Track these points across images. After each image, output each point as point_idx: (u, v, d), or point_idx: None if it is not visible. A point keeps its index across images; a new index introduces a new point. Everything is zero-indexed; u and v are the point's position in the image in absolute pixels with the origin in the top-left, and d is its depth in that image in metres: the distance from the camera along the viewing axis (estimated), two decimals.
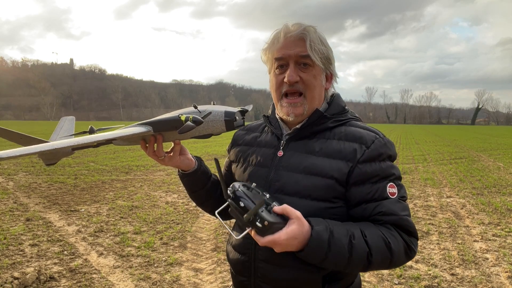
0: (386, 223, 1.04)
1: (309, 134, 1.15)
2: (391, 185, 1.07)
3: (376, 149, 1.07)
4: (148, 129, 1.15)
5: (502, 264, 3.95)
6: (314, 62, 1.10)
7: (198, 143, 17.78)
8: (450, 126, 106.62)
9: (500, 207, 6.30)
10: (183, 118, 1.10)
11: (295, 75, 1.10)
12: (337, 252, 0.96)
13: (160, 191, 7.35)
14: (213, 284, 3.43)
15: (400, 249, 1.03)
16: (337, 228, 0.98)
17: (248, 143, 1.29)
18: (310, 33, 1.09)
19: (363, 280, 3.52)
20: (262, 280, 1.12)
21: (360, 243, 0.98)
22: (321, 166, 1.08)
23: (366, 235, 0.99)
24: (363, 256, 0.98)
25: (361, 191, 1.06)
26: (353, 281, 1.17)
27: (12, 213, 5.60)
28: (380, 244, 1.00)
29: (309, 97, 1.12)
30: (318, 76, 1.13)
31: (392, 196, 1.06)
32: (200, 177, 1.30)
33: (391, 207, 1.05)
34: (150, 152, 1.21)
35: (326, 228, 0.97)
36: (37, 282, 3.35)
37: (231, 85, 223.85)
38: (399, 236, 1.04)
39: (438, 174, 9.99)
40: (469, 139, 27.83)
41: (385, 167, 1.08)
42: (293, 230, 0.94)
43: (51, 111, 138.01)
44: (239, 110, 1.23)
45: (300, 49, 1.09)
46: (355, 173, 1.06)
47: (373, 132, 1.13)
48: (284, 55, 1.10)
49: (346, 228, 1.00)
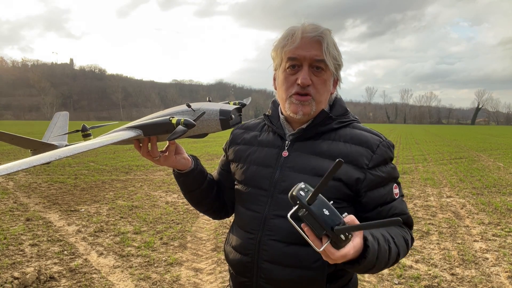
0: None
1: (314, 134, 1.15)
2: (395, 186, 1.14)
3: (382, 154, 1.12)
4: (138, 133, 1.11)
5: (502, 264, 3.95)
6: (327, 66, 1.09)
7: (198, 143, 17.77)
8: (450, 126, 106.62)
9: (500, 207, 6.30)
10: (174, 121, 1.06)
11: (309, 78, 1.09)
12: (382, 258, 0.96)
13: (160, 191, 7.35)
14: (213, 284, 3.43)
15: (410, 244, 1.11)
16: (377, 235, 0.97)
17: (248, 142, 1.27)
18: (327, 37, 1.08)
19: (363, 280, 3.52)
20: (265, 281, 1.11)
21: (393, 246, 1.01)
22: (327, 168, 1.07)
23: (394, 237, 1.03)
24: (395, 257, 1.02)
25: (375, 195, 1.10)
26: (351, 278, 1.18)
27: (12, 213, 5.60)
28: (403, 243, 1.06)
29: (317, 100, 1.12)
30: (328, 81, 1.13)
31: (396, 196, 1.12)
32: (197, 177, 1.27)
33: (400, 206, 1.12)
34: (145, 153, 1.19)
35: (373, 237, 0.95)
36: (37, 282, 3.35)
37: (231, 85, 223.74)
38: (408, 232, 1.12)
39: (438, 174, 9.99)
40: (469, 139, 27.82)
41: (390, 170, 1.13)
42: (358, 244, 0.88)
43: (51, 111, 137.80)
44: (235, 107, 1.18)
45: (316, 52, 1.08)
46: (368, 180, 1.09)
47: (376, 135, 1.15)
48: (299, 56, 1.08)
49: (380, 233, 1.00)
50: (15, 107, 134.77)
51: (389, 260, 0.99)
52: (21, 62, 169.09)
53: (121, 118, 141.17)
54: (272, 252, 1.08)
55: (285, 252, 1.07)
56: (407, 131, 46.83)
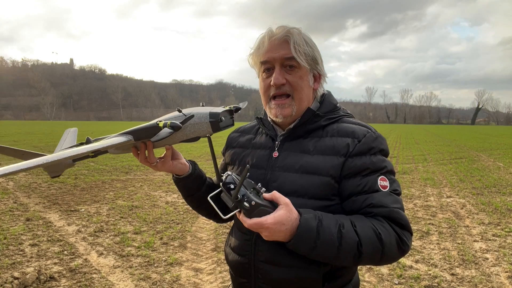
0: (376, 215, 1.04)
1: (303, 133, 1.16)
2: (382, 178, 1.07)
3: (367, 142, 1.09)
4: (129, 138, 1.14)
5: (502, 264, 3.95)
6: (299, 63, 1.11)
7: (198, 143, 17.74)
8: (450, 126, 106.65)
9: (500, 207, 6.30)
10: (161, 124, 1.08)
11: (281, 77, 1.11)
12: (326, 240, 0.95)
13: (160, 191, 7.35)
14: (213, 284, 3.43)
15: (391, 241, 1.01)
16: (326, 217, 0.99)
17: (243, 145, 1.30)
18: (294, 35, 1.11)
19: (363, 280, 3.52)
20: (262, 281, 1.12)
21: (349, 231, 0.97)
22: (316, 164, 1.09)
23: (356, 225, 0.99)
24: (353, 246, 0.97)
25: (351, 184, 1.07)
26: (351, 279, 1.17)
27: (12, 213, 5.60)
28: (370, 234, 0.99)
29: (297, 98, 1.14)
30: (305, 77, 1.14)
31: (383, 189, 1.06)
32: (195, 181, 1.28)
33: (382, 199, 1.04)
34: (142, 159, 1.21)
35: (315, 216, 0.98)
36: (37, 282, 3.35)
37: (231, 85, 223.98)
38: (390, 228, 1.03)
39: (438, 174, 9.99)
40: (469, 139, 27.82)
41: (375, 161, 1.08)
42: (281, 215, 0.94)
43: (51, 111, 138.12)
44: (226, 110, 1.20)
45: (284, 52, 1.10)
46: (346, 166, 1.07)
47: (364, 127, 1.14)
48: (269, 58, 1.12)
49: (335, 218, 1.00)
50: (15, 107, 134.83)
51: (342, 245, 0.96)
52: (21, 62, 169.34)
53: (121, 118, 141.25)
54: (267, 252, 1.10)
55: (280, 252, 1.08)
56: (407, 131, 46.83)
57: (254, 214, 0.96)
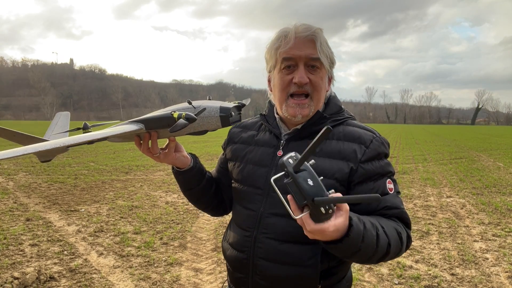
0: (391, 216, 1.08)
1: (309, 134, 1.16)
2: (389, 181, 1.12)
3: (375, 149, 1.11)
4: (140, 126, 1.13)
5: (502, 264, 3.95)
6: (322, 64, 1.11)
7: (198, 143, 17.78)
8: (450, 126, 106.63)
9: (500, 207, 6.30)
10: (175, 115, 1.07)
11: (306, 76, 1.10)
12: (368, 244, 0.94)
13: (160, 191, 7.35)
14: (213, 284, 3.43)
15: (405, 240, 1.07)
16: (364, 219, 0.96)
17: (245, 141, 1.29)
18: (320, 36, 1.10)
19: (363, 280, 3.52)
20: (260, 277, 1.13)
21: (382, 233, 0.99)
22: (322, 167, 1.08)
23: (384, 226, 1.01)
24: (385, 247, 0.98)
25: (365, 188, 1.09)
26: (345, 275, 1.19)
27: (12, 213, 5.60)
28: (395, 234, 1.03)
29: (316, 99, 1.13)
30: (324, 79, 1.15)
31: (390, 191, 1.11)
32: (196, 175, 1.29)
33: (394, 201, 1.09)
34: (145, 149, 1.19)
35: (359, 219, 0.93)
36: (37, 282, 3.35)
37: (231, 85, 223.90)
38: (403, 228, 1.08)
39: (438, 174, 9.99)
40: (469, 139, 27.82)
41: (383, 165, 1.12)
42: (340, 224, 0.85)
43: (51, 111, 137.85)
44: (235, 105, 1.20)
45: (310, 51, 1.09)
46: (359, 173, 1.09)
47: (370, 131, 1.16)
48: (294, 55, 1.10)
49: (369, 220, 0.99)
50: (15, 107, 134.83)
51: (378, 247, 0.95)
52: (21, 62, 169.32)
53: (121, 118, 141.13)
54: (267, 249, 1.11)
55: (279, 249, 1.09)
56: (407, 131, 46.83)
57: (322, 219, 0.83)
